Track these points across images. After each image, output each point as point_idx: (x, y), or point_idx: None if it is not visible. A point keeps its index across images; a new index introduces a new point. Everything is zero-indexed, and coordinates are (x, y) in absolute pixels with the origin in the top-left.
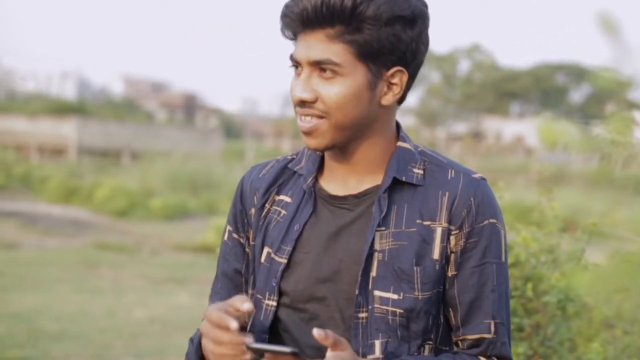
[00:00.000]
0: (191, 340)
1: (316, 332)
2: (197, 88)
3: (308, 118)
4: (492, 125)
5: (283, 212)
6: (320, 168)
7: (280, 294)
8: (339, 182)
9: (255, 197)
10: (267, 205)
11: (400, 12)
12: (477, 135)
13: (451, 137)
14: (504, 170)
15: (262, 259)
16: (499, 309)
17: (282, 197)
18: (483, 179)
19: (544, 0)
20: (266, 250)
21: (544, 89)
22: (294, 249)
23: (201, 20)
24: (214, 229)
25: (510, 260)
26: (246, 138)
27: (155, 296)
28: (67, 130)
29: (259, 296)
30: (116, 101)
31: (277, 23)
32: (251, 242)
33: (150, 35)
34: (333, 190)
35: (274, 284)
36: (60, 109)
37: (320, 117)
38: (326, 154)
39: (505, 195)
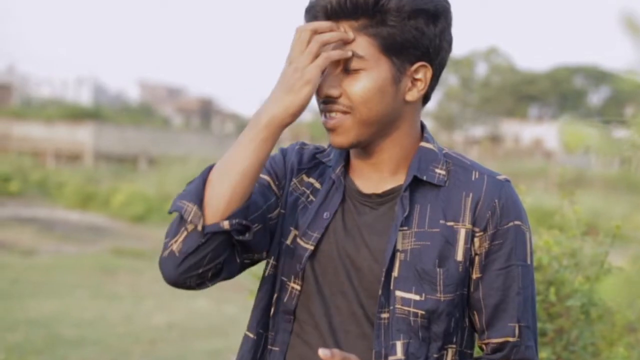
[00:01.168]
0: None
1: (321, 352)
2: (214, 93)
3: (333, 114)
4: (511, 128)
5: (312, 197)
6: (346, 164)
7: (304, 278)
8: (364, 180)
9: (292, 168)
10: (296, 181)
11: (424, 6)
12: (495, 139)
13: (469, 140)
14: (522, 174)
15: (288, 241)
16: (524, 311)
17: (311, 180)
18: (507, 180)
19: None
20: (293, 232)
21: (562, 92)
22: (321, 236)
23: (217, 25)
24: None
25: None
26: None
27: (173, 301)
28: (83, 136)
29: (284, 278)
30: (132, 106)
31: (293, 26)
32: (278, 194)
33: (166, 40)
34: (359, 186)
35: (299, 269)
36: (77, 114)
37: (345, 112)
38: (351, 153)
39: (526, 199)
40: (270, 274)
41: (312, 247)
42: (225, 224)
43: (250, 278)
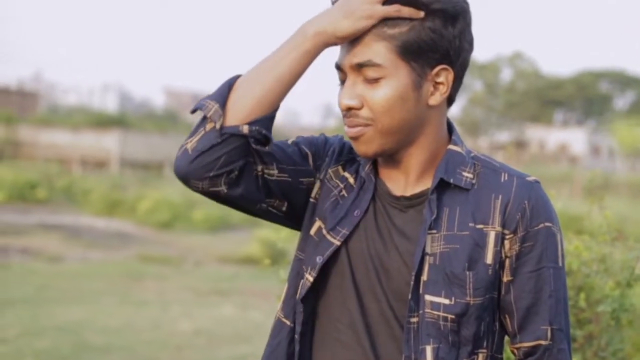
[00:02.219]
0: None
1: None
2: None
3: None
4: (535, 133)
5: (344, 192)
6: (375, 162)
7: (327, 272)
8: (392, 182)
9: (332, 153)
10: (331, 172)
11: (440, 7)
12: (520, 144)
13: (494, 146)
14: (548, 179)
15: (312, 231)
16: (557, 314)
17: (346, 174)
18: (537, 181)
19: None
20: (318, 223)
21: (587, 97)
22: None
23: (241, 32)
24: (258, 241)
25: None
26: None
27: (199, 308)
28: (109, 143)
29: (303, 267)
30: (158, 113)
31: None
32: (313, 178)
33: (191, 46)
34: (389, 187)
35: (318, 261)
36: (102, 121)
37: (367, 124)
38: (382, 158)
39: (556, 204)
40: (297, 259)
41: (339, 243)
42: (245, 128)
43: (279, 284)
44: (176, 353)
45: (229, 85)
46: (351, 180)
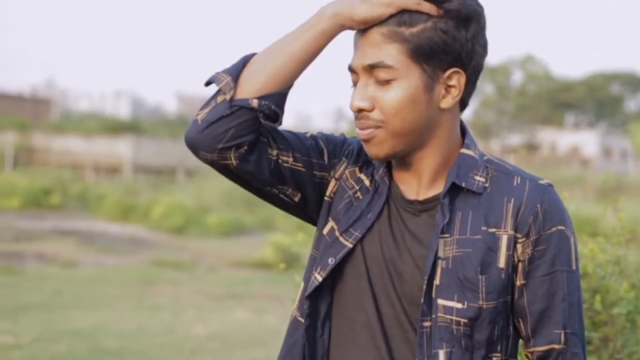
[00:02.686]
0: None
1: None
2: None
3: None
4: (547, 136)
5: (359, 194)
6: (389, 165)
7: (343, 273)
8: (405, 185)
9: (350, 153)
10: (348, 172)
11: (453, 9)
12: (531, 147)
13: (505, 149)
14: (559, 181)
15: (325, 231)
16: (570, 318)
17: (362, 176)
18: (550, 185)
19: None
20: (331, 224)
21: (599, 99)
22: (362, 236)
23: (253, 36)
24: (271, 245)
25: None
26: None
27: (213, 312)
28: (122, 149)
29: (314, 265)
30: (170, 118)
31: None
32: (327, 175)
33: (203, 51)
34: (403, 191)
35: (330, 263)
36: (115, 127)
37: (378, 126)
38: (395, 161)
39: (570, 207)
40: (311, 257)
41: (351, 246)
42: (254, 102)
43: (293, 288)
44: (190, 357)
45: (244, 60)
46: (367, 182)
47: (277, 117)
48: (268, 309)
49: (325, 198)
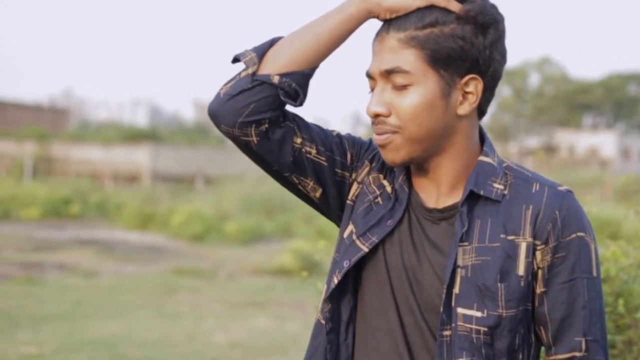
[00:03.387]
0: None
1: None
2: None
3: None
4: (565, 138)
5: (380, 199)
6: (408, 173)
7: (366, 279)
8: (425, 193)
9: (373, 158)
10: (371, 178)
11: (471, 16)
12: (549, 149)
13: (523, 151)
14: (578, 183)
15: (345, 234)
16: (591, 325)
17: (385, 182)
18: (569, 191)
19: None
20: (350, 227)
21: (616, 100)
22: (380, 241)
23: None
24: (291, 252)
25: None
26: None
27: (234, 320)
28: (140, 157)
29: (334, 270)
30: (188, 126)
31: (348, 47)
32: (348, 174)
33: (220, 58)
34: (423, 199)
35: (345, 265)
36: (133, 136)
37: (394, 132)
38: (411, 166)
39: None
40: (334, 260)
41: (366, 250)
42: (276, 78)
43: (315, 295)
44: None
45: (272, 41)
46: (389, 189)
47: (297, 95)
48: (289, 316)
49: (348, 201)
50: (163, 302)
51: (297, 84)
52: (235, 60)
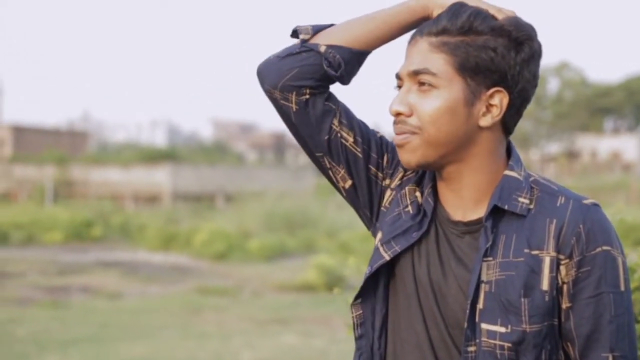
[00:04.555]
0: None
1: None
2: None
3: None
4: (587, 143)
5: (410, 208)
6: (435, 189)
7: (396, 291)
8: (449, 206)
9: (406, 171)
10: (407, 189)
11: (506, 29)
12: (571, 155)
13: (545, 158)
14: (602, 188)
15: (376, 240)
16: (619, 341)
17: (418, 194)
18: (595, 204)
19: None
20: (380, 234)
21: (637, 103)
22: (404, 251)
23: None
24: (315, 267)
25: (633, 284)
26: None
27: (261, 338)
28: (160, 177)
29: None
30: (206, 145)
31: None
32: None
33: (236, 77)
34: (449, 212)
35: (367, 273)
36: (152, 156)
37: (414, 132)
38: (436, 176)
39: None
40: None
41: (388, 258)
42: (323, 47)
43: (343, 311)
44: None
45: (331, 24)
46: (420, 200)
47: (340, 68)
48: (315, 332)
49: (382, 208)
50: (189, 322)
51: (341, 57)
52: (294, 33)
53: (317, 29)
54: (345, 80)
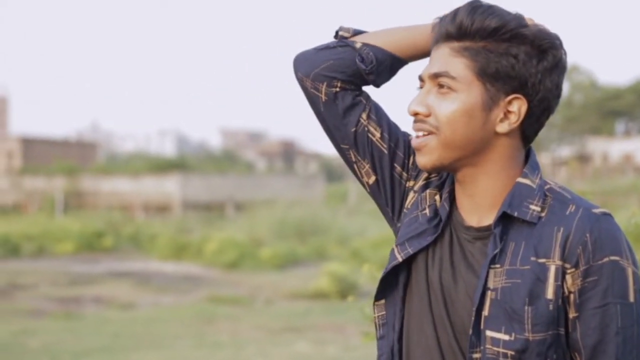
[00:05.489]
0: None
1: None
2: (295, 134)
3: (420, 133)
4: (598, 146)
5: (427, 211)
6: (453, 194)
7: (412, 295)
8: (464, 211)
9: (430, 175)
10: (428, 192)
11: (528, 37)
12: (582, 158)
13: (556, 162)
14: (614, 192)
15: (396, 241)
16: (625, 353)
17: (437, 197)
18: (605, 214)
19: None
20: (397, 235)
21: None
22: (416, 253)
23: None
24: (327, 275)
25: None
26: (348, 180)
27: (274, 346)
28: (170, 187)
29: None
30: (215, 154)
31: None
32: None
33: (244, 85)
34: (463, 217)
35: (383, 273)
36: (162, 166)
37: (431, 132)
38: (455, 181)
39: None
40: None
41: (400, 260)
42: (358, 44)
43: (353, 318)
44: None
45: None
46: (438, 204)
47: (371, 64)
48: (329, 340)
49: (404, 209)
50: (202, 331)
51: (374, 55)
52: (336, 34)
53: (358, 31)
54: (375, 80)
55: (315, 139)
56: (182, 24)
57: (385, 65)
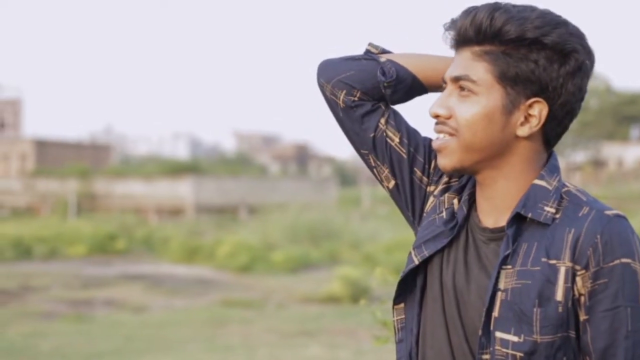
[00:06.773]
0: None
1: None
2: (308, 138)
3: (441, 135)
4: (613, 151)
5: (444, 214)
6: (472, 197)
7: (426, 298)
8: (484, 214)
9: (450, 179)
10: (447, 196)
11: (548, 41)
12: (597, 163)
13: (570, 167)
14: (629, 197)
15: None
16: (635, 356)
17: (455, 201)
18: (618, 216)
19: None
20: (415, 238)
21: None
22: (432, 256)
23: (308, 70)
24: (339, 279)
25: None
26: (361, 184)
27: (286, 350)
28: (183, 190)
29: None
30: (229, 157)
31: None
32: (423, 178)
33: (258, 88)
34: (480, 218)
35: (401, 276)
36: (175, 169)
37: (451, 134)
38: (476, 184)
39: None
40: None
41: (417, 262)
42: (383, 58)
43: (366, 322)
44: None
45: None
46: (455, 207)
47: (391, 77)
48: (341, 344)
49: (424, 213)
50: (214, 334)
51: (396, 71)
52: (368, 50)
53: (386, 50)
54: (391, 95)
55: (329, 143)
56: (196, 27)
57: (405, 84)
